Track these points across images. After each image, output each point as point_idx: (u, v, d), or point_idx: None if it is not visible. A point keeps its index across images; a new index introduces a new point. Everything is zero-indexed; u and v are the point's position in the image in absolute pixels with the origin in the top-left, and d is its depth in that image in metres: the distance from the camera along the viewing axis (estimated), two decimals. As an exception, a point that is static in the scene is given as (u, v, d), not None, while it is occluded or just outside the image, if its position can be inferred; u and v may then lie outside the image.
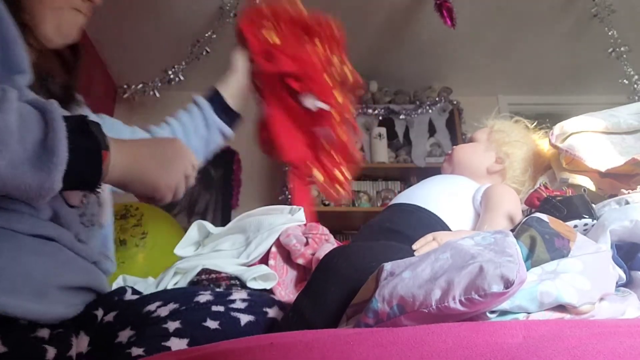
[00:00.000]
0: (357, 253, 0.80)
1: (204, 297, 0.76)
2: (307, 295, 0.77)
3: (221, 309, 0.74)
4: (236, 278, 0.93)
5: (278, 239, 1.06)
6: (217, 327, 0.71)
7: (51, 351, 0.66)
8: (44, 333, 0.69)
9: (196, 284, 0.92)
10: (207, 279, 0.92)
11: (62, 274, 0.73)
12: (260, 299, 0.80)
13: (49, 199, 0.63)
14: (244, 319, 0.74)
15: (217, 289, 0.82)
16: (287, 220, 1.10)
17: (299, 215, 1.13)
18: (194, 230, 1.16)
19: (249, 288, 0.92)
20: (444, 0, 2.41)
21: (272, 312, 0.78)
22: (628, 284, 0.74)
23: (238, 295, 0.79)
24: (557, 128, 1.17)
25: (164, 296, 0.77)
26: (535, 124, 1.38)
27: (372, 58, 3.18)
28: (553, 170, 1.23)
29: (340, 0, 2.70)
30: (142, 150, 0.74)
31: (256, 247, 1.03)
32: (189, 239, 1.14)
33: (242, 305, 0.76)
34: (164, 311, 0.73)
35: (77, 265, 0.77)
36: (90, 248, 0.82)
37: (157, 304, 0.74)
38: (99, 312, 0.76)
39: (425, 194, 1.19)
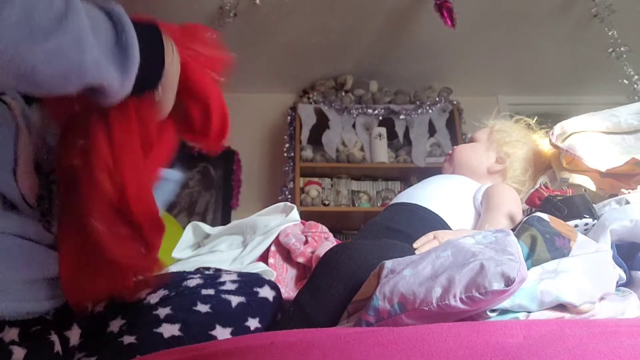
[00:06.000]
0: (359, 250, 0.80)
1: (193, 281, 0.76)
2: (309, 291, 0.77)
3: (211, 291, 0.74)
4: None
5: (277, 238, 1.06)
6: (209, 310, 0.71)
7: (19, 352, 0.63)
8: (12, 334, 0.65)
9: None
10: None
11: (23, 267, 0.68)
12: (250, 278, 0.80)
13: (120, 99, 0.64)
14: (235, 300, 0.74)
15: (207, 271, 0.82)
16: (282, 222, 1.10)
17: (294, 215, 1.12)
18: (189, 232, 1.15)
19: None
20: (444, 0, 2.41)
21: (263, 292, 0.78)
22: (628, 283, 0.74)
23: (228, 277, 0.78)
24: (558, 128, 1.17)
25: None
26: (535, 119, 1.39)
27: (372, 58, 3.18)
28: (553, 170, 1.23)
29: (340, 1, 2.70)
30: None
31: (251, 251, 1.02)
32: (186, 242, 1.14)
33: (233, 287, 0.76)
34: (153, 298, 0.72)
35: (41, 257, 0.72)
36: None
37: (146, 291, 0.74)
38: (89, 303, 0.75)
39: (426, 194, 1.19)
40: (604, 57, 2.55)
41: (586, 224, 0.85)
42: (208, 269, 0.91)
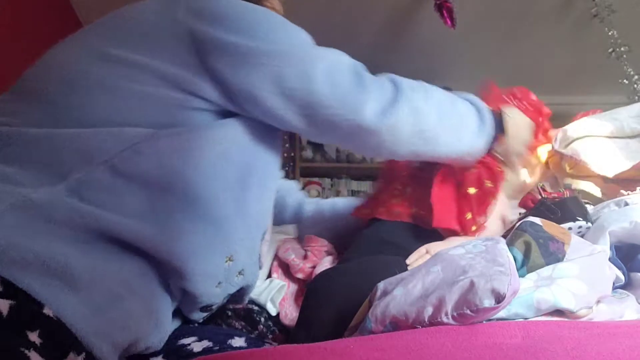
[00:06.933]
0: (345, 274, 0.81)
1: (238, 342, 0.76)
2: (302, 326, 0.77)
3: None
4: (253, 302, 0.93)
5: (277, 254, 1.05)
6: None
7: None
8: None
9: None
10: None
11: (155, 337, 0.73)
12: None
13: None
14: None
15: (251, 335, 0.82)
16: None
17: (288, 228, 1.14)
18: None
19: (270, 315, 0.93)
20: (444, 0, 2.41)
21: None
22: (627, 285, 0.74)
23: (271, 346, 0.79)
24: (560, 133, 1.17)
25: (200, 332, 0.77)
26: None
27: (372, 58, 3.17)
28: (555, 176, 1.23)
29: (340, 1, 2.70)
30: (513, 137, 0.99)
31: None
32: None
33: None
34: (197, 347, 0.73)
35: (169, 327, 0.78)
36: None
37: (192, 339, 0.75)
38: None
39: None
40: (604, 57, 2.55)
41: (580, 227, 0.85)
42: (240, 314, 0.91)
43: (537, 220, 0.71)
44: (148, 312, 0.69)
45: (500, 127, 0.94)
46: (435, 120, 0.84)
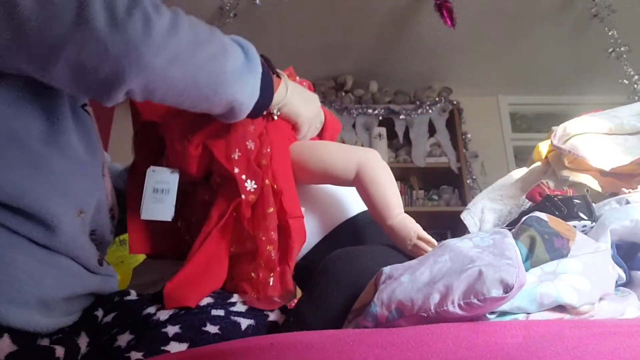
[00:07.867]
0: (358, 256, 0.79)
1: (204, 299, 0.75)
2: (309, 300, 0.75)
3: (221, 312, 0.73)
4: None
5: None
6: (217, 331, 0.70)
7: (59, 350, 0.65)
8: (45, 342, 0.67)
9: None
10: None
11: (70, 285, 0.70)
12: None
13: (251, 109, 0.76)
14: (245, 323, 0.73)
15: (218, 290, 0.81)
16: None
17: None
18: None
19: None
20: (444, 0, 2.42)
21: (273, 316, 0.77)
22: (628, 283, 0.74)
23: (239, 297, 0.78)
24: (560, 129, 1.17)
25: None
26: None
27: (372, 58, 3.18)
28: (553, 170, 1.23)
29: (340, 1, 2.70)
30: (293, 85, 0.89)
31: None
32: None
33: (243, 309, 0.75)
34: (163, 314, 0.72)
35: (87, 277, 0.74)
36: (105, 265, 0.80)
37: (157, 306, 0.73)
38: (99, 313, 0.75)
39: None
40: (604, 57, 2.55)
41: (584, 226, 0.85)
42: None
43: (543, 215, 0.71)
44: (42, 262, 0.65)
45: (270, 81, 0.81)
46: (190, 41, 0.67)
